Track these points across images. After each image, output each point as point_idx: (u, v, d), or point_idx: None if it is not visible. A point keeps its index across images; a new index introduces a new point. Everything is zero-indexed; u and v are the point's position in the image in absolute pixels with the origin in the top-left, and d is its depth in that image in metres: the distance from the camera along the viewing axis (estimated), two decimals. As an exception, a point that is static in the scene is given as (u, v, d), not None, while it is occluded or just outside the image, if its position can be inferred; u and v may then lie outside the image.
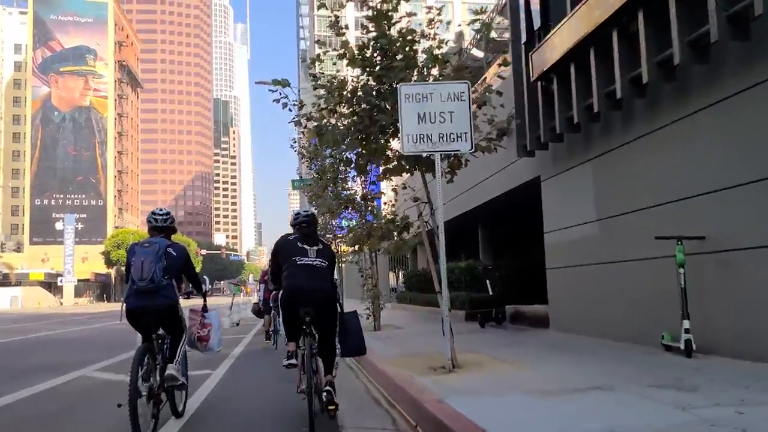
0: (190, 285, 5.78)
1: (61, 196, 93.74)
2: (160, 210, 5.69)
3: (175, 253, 5.30)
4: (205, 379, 7.94)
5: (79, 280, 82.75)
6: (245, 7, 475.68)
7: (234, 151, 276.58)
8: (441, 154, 7.23)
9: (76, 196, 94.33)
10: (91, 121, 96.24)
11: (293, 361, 5.07)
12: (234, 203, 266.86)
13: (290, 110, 8.78)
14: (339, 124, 8.83)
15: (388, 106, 7.81)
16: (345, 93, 8.18)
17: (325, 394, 4.89)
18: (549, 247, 11.50)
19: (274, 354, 11.01)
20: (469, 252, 19.17)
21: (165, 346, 5.29)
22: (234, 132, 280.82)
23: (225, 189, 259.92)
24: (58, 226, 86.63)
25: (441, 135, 7.04)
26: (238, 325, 19.96)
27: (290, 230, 5.74)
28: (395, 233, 9.71)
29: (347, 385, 7.29)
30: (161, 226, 5.52)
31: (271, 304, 12.29)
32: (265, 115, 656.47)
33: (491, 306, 13.43)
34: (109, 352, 12.03)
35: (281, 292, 5.28)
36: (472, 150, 7.15)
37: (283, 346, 8.79)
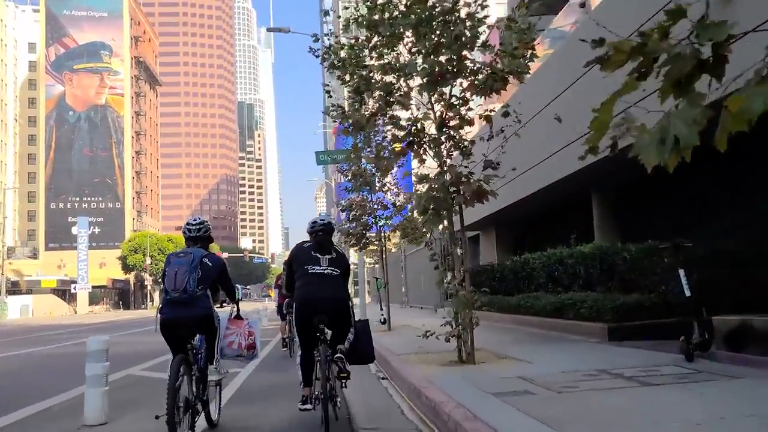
0: (224, 294, 5.62)
1: (77, 199, 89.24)
2: (194, 219, 5.57)
3: (210, 264, 5.20)
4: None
5: (95, 287, 77.90)
6: (269, 10, 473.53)
7: (259, 154, 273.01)
8: None
9: (92, 198, 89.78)
10: (108, 120, 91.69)
11: (308, 406, 5.02)
12: (260, 207, 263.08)
13: None
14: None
15: None
16: None
17: (338, 361, 4.85)
18: None
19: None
20: (579, 233, 12.90)
21: (199, 356, 5.11)
22: (259, 135, 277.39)
23: (251, 193, 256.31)
24: (75, 230, 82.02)
25: None
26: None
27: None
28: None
29: None
30: (195, 236, 5.43)
31: (284, 311, 11.61)
32: (290, 119, 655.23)
33: (689, 316, 7.16)
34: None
35: (295, 301, 5.25)
36: None
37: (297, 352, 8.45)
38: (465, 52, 7.49)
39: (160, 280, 5.51)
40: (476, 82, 7.54)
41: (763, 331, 7.25)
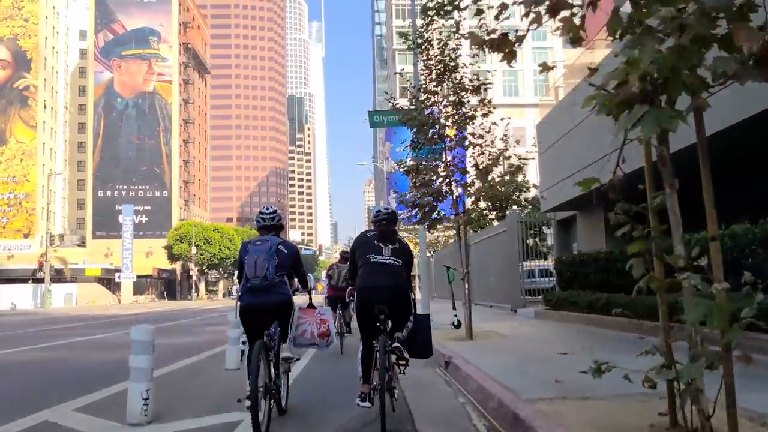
0: (297, 282, 5.64)
1: (125, 187, 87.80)
2: (267, 209, 5.61)
3: (286, 251, 5.29)
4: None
5: (141, 277, 76.11)
6: (320, 5, 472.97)
7: (309, 148, 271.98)
8: None
9: (140, 187, 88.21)
10: (155, 107, 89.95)
11: (367, 403, 4.88)
12: (309, 201, 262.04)
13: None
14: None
15: None
16: None
17: (396, 350, 4.87)
18: None
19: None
20: (751, 206, 8.51)
21: (274, 342, 5.14)
22: (309, 129, 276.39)
23: (300, 186, 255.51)
24: (121, 219, 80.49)
25: None
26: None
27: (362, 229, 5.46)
28: None
29: None
30: (269, 224, 5.46)
31: (348, 299, 8.27)
32: (340, 114, 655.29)
33: None
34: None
35: (356, 289, 5.24)
36: None
37: (348, 348, 9.98)
38: None
39: (236, 269, 5.33)
40: None
41: None
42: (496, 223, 28.57)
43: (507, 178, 10.78)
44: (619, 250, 11.79)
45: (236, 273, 5.55)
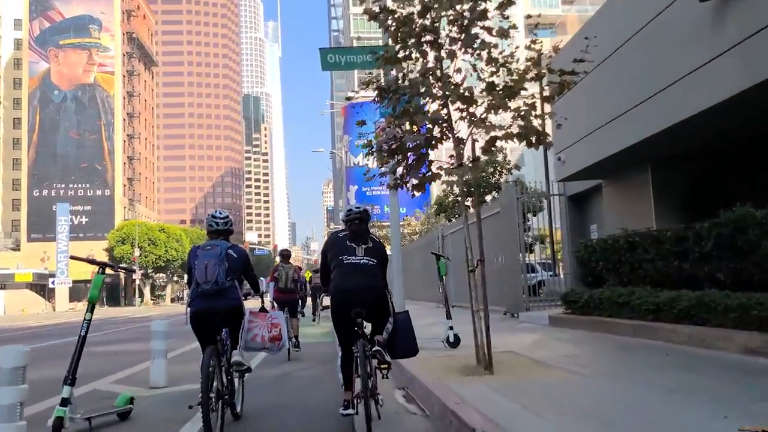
0: (248, 286, 5.64)
1: (63, 186, 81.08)
2: (220, 213, 5.53)
3: (235, 255, 5.25)
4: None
5: (79, 282, 69.81)
6: (276, 4, 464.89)
7: (266, 148, 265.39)
8: None
9: (79, 185, 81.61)
10: (96, 100, 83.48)
11: (351, 411, 4.71)
12: (266, 201, 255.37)
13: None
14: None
15: None
16: None
17: (376, 354, 4.67)
18: None
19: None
20: None
21: (226, 348, 5.13)
22: (266, 129, 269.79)
23: (257, 187, 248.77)
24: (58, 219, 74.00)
25: None
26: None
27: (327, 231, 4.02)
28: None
29: None
30: (222, 229, 5.42)
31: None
32: (297, 115, 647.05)
33: None
34: None
35: (330, 293, 5.08)
36: None
37: (297, 355, 10.15)
38: None
39: (185, 274, 5.17)
40: None
41: None
42: (472, 210, 24.60)
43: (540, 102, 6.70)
44: (707, 223, 7.79)
45: (186, 278, 5.25)
